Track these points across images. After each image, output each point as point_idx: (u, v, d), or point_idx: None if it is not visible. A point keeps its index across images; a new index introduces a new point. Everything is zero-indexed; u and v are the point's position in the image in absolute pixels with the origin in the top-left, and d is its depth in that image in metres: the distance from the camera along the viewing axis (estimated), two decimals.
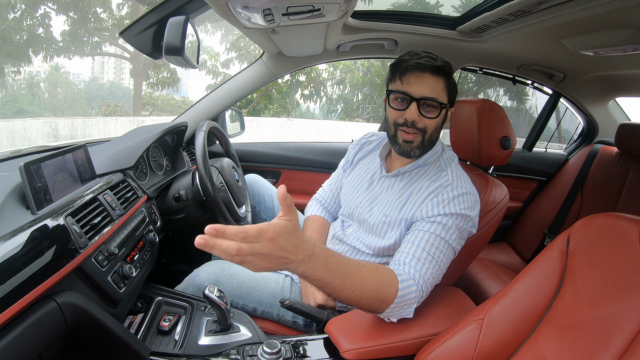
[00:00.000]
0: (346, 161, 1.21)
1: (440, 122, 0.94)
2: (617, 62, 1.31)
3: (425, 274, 0.82)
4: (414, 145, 0.94)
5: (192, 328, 0.89)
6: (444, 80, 0.91)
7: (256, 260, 0.56)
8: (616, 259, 0.62)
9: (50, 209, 0.69)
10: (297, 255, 0.61)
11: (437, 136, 0.96)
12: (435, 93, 0.90)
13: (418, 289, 0.79)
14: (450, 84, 0.93)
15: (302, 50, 1.47)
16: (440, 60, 0.91)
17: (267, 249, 0.56)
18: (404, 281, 0.78)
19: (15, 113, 13.62)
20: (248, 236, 0.54)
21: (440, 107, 0.91)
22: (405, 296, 0.77)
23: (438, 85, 0.90)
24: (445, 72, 0.91)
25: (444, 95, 0.92)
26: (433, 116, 0.91)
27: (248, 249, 0.55)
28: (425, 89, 0.89)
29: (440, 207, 0.88)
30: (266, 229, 0.56)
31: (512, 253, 1.86)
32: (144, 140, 1.13)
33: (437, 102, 0.90)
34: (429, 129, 0.92)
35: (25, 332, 0.52)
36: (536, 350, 0.64)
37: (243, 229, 0.55)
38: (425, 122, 0.91)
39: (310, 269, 0.64)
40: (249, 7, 0.83)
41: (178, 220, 1.21)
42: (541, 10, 0.95)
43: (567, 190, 1.76)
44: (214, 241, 0.54)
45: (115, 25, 11.73)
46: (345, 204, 1.11)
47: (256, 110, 10.76)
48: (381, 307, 0.77)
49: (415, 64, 0.89)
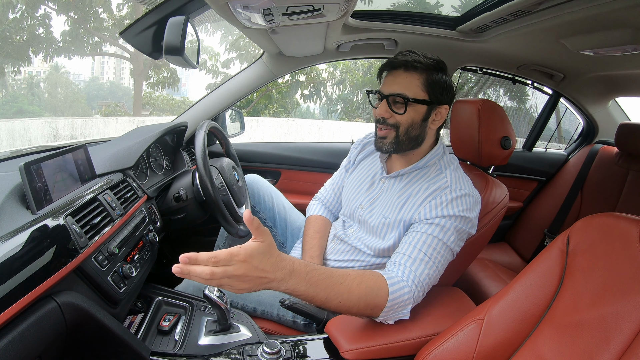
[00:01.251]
0: (348, 161, 1.21)
1: (415, 117, 0.92)
2: (617, 62, 1.31)
3: (420, 274, 0.82)
4: (387, 141, 0.94)
5: (192, 328, 0.89)
6: (420, 76, 0.90)
7: (233, 282, 0.59)
8: (616, 259, 0.62)
9: (50, 209, 0.69)
10: (276, 274, 0.63)
11: (416, 132, 0.93)
12: (407, 89, 0.89)
13: (411, 290, 0.80)
14: (430, 79, 0.90)
15: (302, 50, 1.47)
16: (416, 57, 0.90)
17: (240, 271, 0.59)
18: (394, 284, 0.78)
19: (15, 113, 13.62)
20: (219, 260, 0.58)
21: (406, 102, 0.89)
22: (397, 299, 0.78)
23: (411, 82, 0.90)
24: (421, 67, 0.89)
25: (419, 90, 0.90)
26: (400, 112, 0.91)
27: (221, 272, 0.58)
28: (396, 86, 0.90)
29: (438, 209, 0.88)
30: (237, 252, 0.59)
31: (512, 253, 1.85)
32: (144, 140, 1.13)
33: (404, 97, 0.89)
34: (402, 125, 0.92)
35: (25, 332, 0.52)
36: (536, 350, 0.64)
37: (214, 254, 0.58)
38: (397, 117, 0.92)
39: (293, 286, 0.66)
40: (249, 7, 0.83)
41: (178, 220, 1.21)
42: (541, 10, 0.95)
43: (567, 190, 1.76)
44: (188, 268, 0.57)
45: (115, 25, 11.73)
46: (347, 204, 1.11)
47: (256, 110, 10.76)
48: (374, 313, 0.78)
49: (390, 63, 0.92)
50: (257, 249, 0.60)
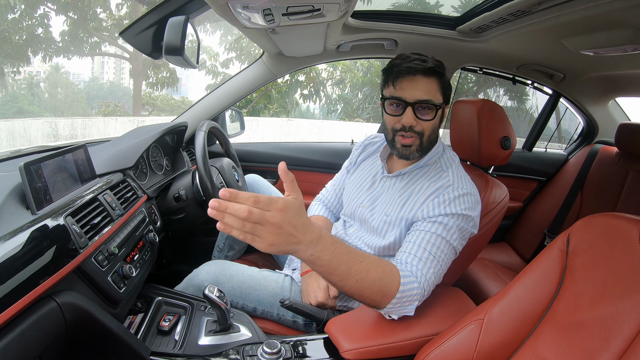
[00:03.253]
0: (350, 162, 1.22)
1: (437, 122, 0.94)
2: (617, 62, 1.31)
3: (427, 273, 0.82)
4: (413, 148, 0.94)
5: (192, 328, 0.89)
6: (437, 80, 0.91)
7: (265, 232, 0.57)
8: (616, 259, 0.62)
9: (50, 209, 0.69)
10: (305, 236, 0.61)
11: (435, 137, 0.96)
12: (430, 94, 0.90)
13: (420, 287, 0.79)
14: (443, 82, 0.92)
15: (302, 50, 1.47)
16: (432, 62, 0.90)
17: (276, 219, 0.57)
18: (406, 277, 0.78)
19: (15, 113, 13.62)
20: (259, 201, 0.56)
21: (436, 108, 0.91)
22: (407, 292, 0.77)
23: (432, 86, 0.90)
24: (437, 72, 0.91)
25: (439, 95, 0.92)
26: (429, 118, 0.91)
27: (258, 215, 0.56)
28: (419, 92, 0.89)
29: (441, 208, 0.88)
30: (277, 199, 0.58)
31: (512, 253, 1.86)
32: (144, 140, 1.13)
33: (432, 103, 0.90)
34: (427, 131, 0.93)
35: (25, 332, 0.52)
36: (536, 350, 0.64)
37: (255, 195, 0.56)
38: (423, 124, 0.92)
39: (318, 252, 0.64)
40: (249, 7, 0.83)
41: (178, 220, 1.21)
42: (541, 10, 0.95)
43: (567, 190, 1.76)
44: (226, 204, 0.55)
45: (114, 25, 11.72)
46: (348, 204, 1.11)
47: (256, 110, 10.76)
48: (383, 301, 0.77)
49: (406, 68, 0.89)
50: (293, 203, 0.59)
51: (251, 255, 1.43)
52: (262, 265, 1.32)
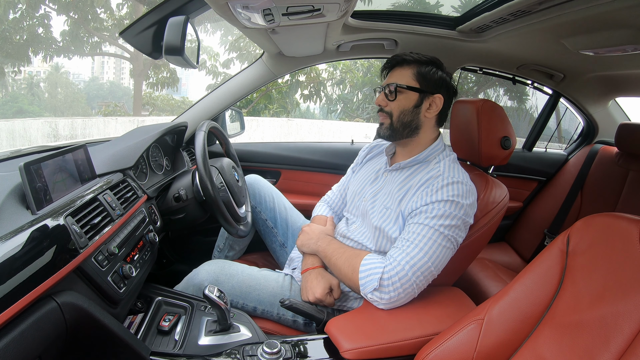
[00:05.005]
0: (355, 163, 1.27)
1: (406, 104, 1.00)
2: (617, 62, 1.31)
3: (398, 256, 0.87)
4: (384, 126, 1.03)
5: (192, 328, 0.89)
6: (411, 68, 1.00)
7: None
8: (616, 259, 0.62)
9: (50, 209, 0.69)
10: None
11: (409, 119, 1.00)
12: (399, 79, 1.00)
13: (389, 265, 0.87)
14: (422, 71, 1.00)
15: (302, 50, 1.47)
16: (413, 54, 1.01)
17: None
18: (371, 256, 0.92)
19: (15, 113, 13.63)
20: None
21: (395, 89, 0.99)
22: (369, 264, 0.89)
23: (404, 74, 1.00)
24: (412, 61, 1.00)
25: (411, 80, 0.99)
26: (392, 98, 1.00)
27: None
28: (392, 79, 1.02)
29: (428, 197, 0.91)
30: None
31: (512, 253, 1.85)
32: (144, 140, 1.13)
33: (399, 85, 0.99)
34: (394, 112, 1.01)
35: (25, 332, 0.52)
36: (536, 350, 0.64)
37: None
38: (391, 105, 1.01)
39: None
40: (249, 7, 0.83)
41: (178, 220, 1.20)
42: (541, 10, 0.95)
43: (567, 190, 1.76)
44: None
45: (115, 25, 11.73)
46: (351, 199, 1.14)
47: (256, 110, 10.76)
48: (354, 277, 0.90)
49: (388, 61, 1.05)
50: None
51: (251, 255, 1.43)
52: (262, 265, 1.33)
